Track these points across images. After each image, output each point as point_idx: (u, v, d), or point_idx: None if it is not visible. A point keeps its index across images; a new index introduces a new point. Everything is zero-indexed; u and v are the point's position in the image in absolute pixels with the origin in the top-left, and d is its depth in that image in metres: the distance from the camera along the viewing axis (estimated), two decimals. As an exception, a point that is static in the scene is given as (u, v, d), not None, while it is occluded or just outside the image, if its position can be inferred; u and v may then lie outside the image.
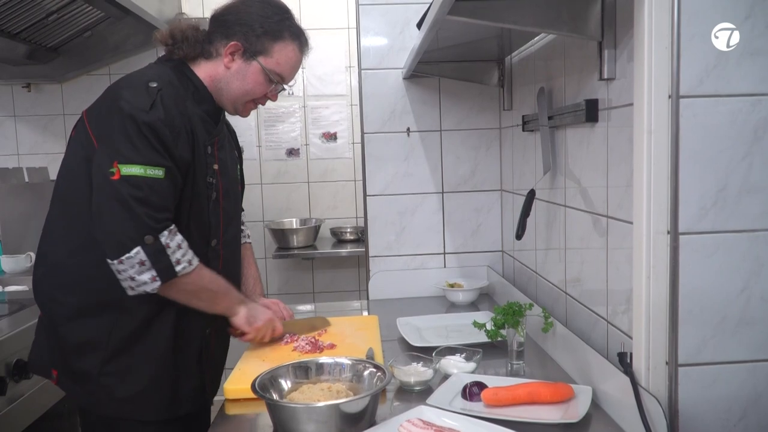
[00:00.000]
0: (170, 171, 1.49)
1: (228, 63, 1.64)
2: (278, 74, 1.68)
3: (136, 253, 1.43)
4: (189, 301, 1.57)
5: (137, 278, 1.45)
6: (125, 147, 1.45)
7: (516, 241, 2.16)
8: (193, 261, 1.52)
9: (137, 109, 1.46)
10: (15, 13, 2.51)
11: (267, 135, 3.76)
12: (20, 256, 2.94)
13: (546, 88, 1.84)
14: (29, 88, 3.52)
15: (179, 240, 1.50)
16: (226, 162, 1.72)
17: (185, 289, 1.54)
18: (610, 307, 1.48)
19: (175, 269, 1.48)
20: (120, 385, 1.56)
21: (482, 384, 1.42)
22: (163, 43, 1.65)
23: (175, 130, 1.51)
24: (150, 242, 1.44)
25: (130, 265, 1.44)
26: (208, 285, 1.59)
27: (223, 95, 1.68)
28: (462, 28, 1.66)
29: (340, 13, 3.67)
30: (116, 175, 1.44)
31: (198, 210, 1.61)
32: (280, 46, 1.66)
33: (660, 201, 1.20)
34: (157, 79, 1.54)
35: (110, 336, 1.55)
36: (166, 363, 1.59)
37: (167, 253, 1.46)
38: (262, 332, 1.75)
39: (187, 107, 1.58)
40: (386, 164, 2.46)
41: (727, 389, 1.22)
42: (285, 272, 3.84)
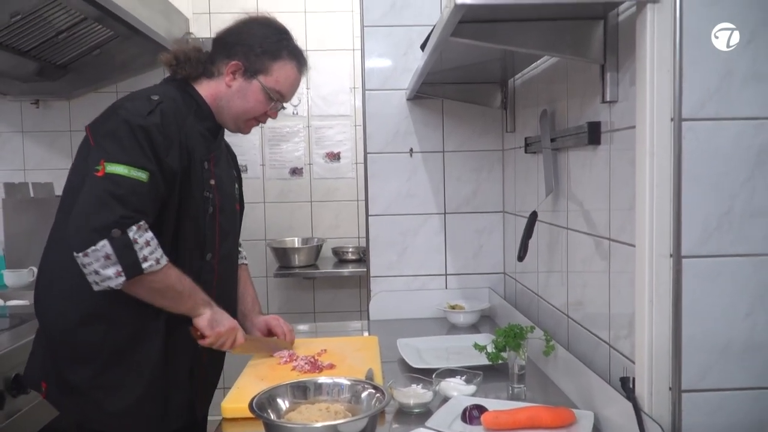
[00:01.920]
0: (154, 176, 1.50)
1: (229, 81, 1.70)
2: (278, 92, 1.74)
3: (102, 246, 1.42)
4: (153, 299, 1.55)
5: (101, 272, 1.43)
6: (113, 146, 1.48)
7: (518, 263, 2.16)
8: (161, 260, 1.51)
9: (134, 114, 1.51)
10: (26, 31, 2.54)
11: (271, 154, 3.77)
12: (23, 271, 2.95)
13: (549, 110, 1.84)
14: (38, 105, 3.55)
15: (148, 237, 1.48)
16: (222, 179, 1.76)
17: (151, 286, 1.52)
18: (613, 331, 1.47)
19: (141, 266, 1.46)
20: (110, 399, 1.56)
21: (482, 407, 1.41)
22: (168, 65, 1.71)
23: (169, 138, 1.54)
24: (117, 236, 1.43)
25: (95, 258, 1.42)
26: (174, 284, 1.56)
27: (225, 113, 1.73)
28: (465, 50, 1.67)
29: (345, 35, 3.70)
30: (101, 171, 1.46)
31: (194, 223, 1.64)
32: (279, 65, 1.72)
33: (662, 224, 1.19)
34: (159, 94, 1.60)
35: (101, 349, 1.56)
36: (156, 377, 1.60)
37: (134, 248, 1.45)
38: (223, 338, 1.67)
39: (186, 123, 1.62)
40: (389, 184, 2.46)
41: (732, 416, 1.20)
42: (286, 291, 3.82)
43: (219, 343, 1.68)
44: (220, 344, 1.68)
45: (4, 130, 3.58)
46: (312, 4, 3.69)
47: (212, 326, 1.64)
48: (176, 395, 1.65)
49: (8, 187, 3.20)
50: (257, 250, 3.71)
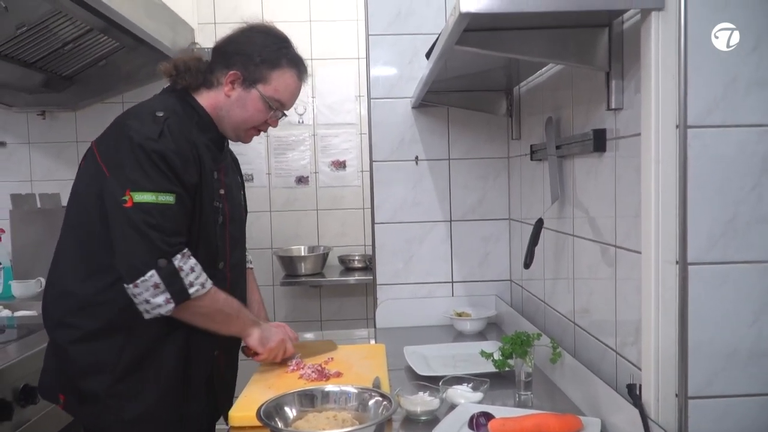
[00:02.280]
0: (180, 197, 1.54)
1: (228, 91, 1.70)
2: (277, 101, 1.74)
3: (151, 276, 1.47)
4: (204, 323, 1.60)
5: (152, 301, 1.49)
6: (137, 175, 1.50)
7: (524, 270, 2.16)
8: (207, 284, 1.56)
9: (146, 138, 1.52)
10: (32, 43, 2.56)
11: (277, 162, 3.78)
12: (30, 281, 2.96)
13: (554, 117, 1.85)
14: (44, 116, 3.56)
15: (192, 263, 1.53)
16: (231, 187, 1.78)
17: (199, 311, 1.57)
18: (619, 338, 1.47)
19: (188, 291, 1.51)
20: (127, 407, 1.58)
21: (489, 414, 1.41)
22: (167, 75, 1.72)
23: (184, 157, 1.56)
24: (164, 265, 1.48)
25: (145, 288, 1.48)
26: (223, 307, 1.63)
27: (225, 122, 1.74)
28: (470, 58, 1.68)
29: (350, 44, 3.72)
30: (129, 202, 1.49)
31: (206, 233, 1.65)
32: (278, 73, 1.72)
33: (668, 231, 1.19)
34: (163, 108, 1.60)
35: (119, 358, 1.57)
36: (173, 385, 1.62)
37: (180, 275, 1.50)
38: (275, 353, 1.78)
39: (192, 135, 1.63)
40: (394, 192, 2.47)
41: (738, 423, 1.20)
42: (292, 300, 3.83)
43: (272, 357, 1.78)
44: (272, 358, 1.78)
45: (11, 142, 3.59)
46: (317, 13, 3.71)
47: (263, 344, 1.75)
48: (194, 402, 1.68)
49: (15, 198, 3.21)
50: (263, 259, 3.72)
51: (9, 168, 3.60)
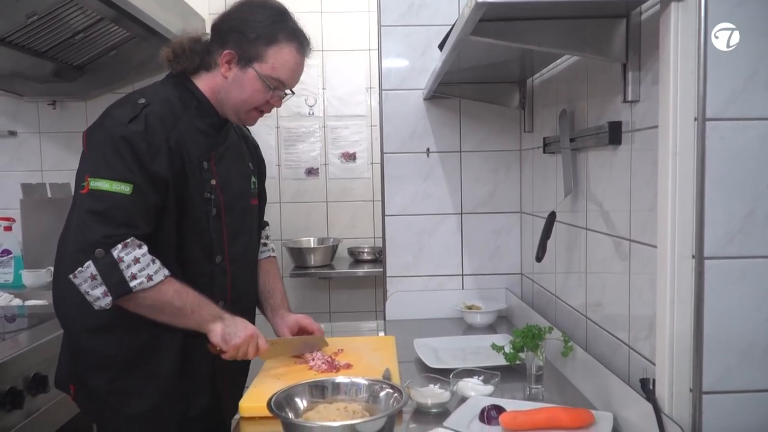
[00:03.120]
0: (139, 187, 1.47)
1: (225, 72, 1.62)
2: (276, 79, 1.63)
3: (87, 266, 1.42)
4: (153, 315, 1.52)
5: (91, 293, 1.44)
6: (97, 161, 1.47)
7: (535, 263, 2.15)
8: (155, 276, 1.47)
9: (117, 124, 1.48)
10: (42, 32, 2.56)
11: (287, 154, 3.78)
12: (41, 271, 2.97)
13: (568, 110, 1.83)
14: (54, 106, 3.57)
15: (138, 254, 1.46)
16: (228, 176, 1.69)
17: (144, 303, 1.49)
18: (632, 333, 1.46)
19: (129, 284, 1.44)
20: (127, 404, 1.56)
21: (500, 407, 1.40)
22: (167, 60, 1.65)
23: (154, 145, 1.49)
24: (100, 256, 1.42)
25: (83, 279, 1.43)
26: (172, 300, 1.51)
27: (225, 105, 1.66)
28: (484, 49, 1.66)
29: (361, 35, 3.70)
30: (85, 188, 1.45)
31: (197, 227, 1.60)
32: (274, 50, 1.61)
33: (685, 225, 1.18)
34: (149, 96, 1.55)
35: (118, 354, 1.55)
36: (174, 382, 1.59)
37: (120, 267, 1.43)
38: (242, 350, 1.60)
39: (177, 124, 1.56)
40: (405, 184, 2.46)
41: (753, 418, 1.19)
42: (302, 291, 3.83)
43: (240, 354, 1.62)
44: (241, 355, 1.62)
45: (22, 131, 3.60)
46: (328, 4, 3.70)
47: (226, 340, 1.58)
48: (198, 399, 1.64)
49: (26, 188, 3.22)
50: (273, 250, 3.72)
51: (20, 157, 3.61)
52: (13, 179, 3.47)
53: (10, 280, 3.02)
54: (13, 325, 2.35)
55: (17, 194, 3.24)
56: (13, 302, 2.68)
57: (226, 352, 1.60)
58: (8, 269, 3.03)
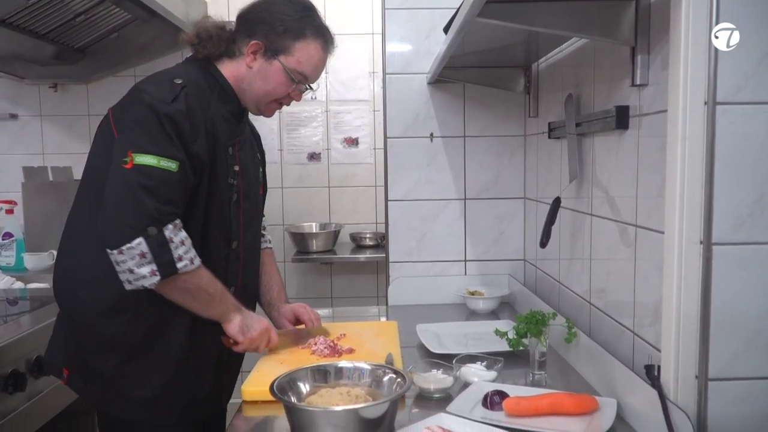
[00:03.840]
0: (183, 166, 1.46)
1: (250, 62, 1.63)
2: (300, 73, 1.65)
3: (138, 244, 1.39)
4: (184, 300, 1.51)
5: (136, 271, 1.41)
6: (141, 137, 1.44)
7: (539, 250, 2.14)
8: (195, 260, 1.48)
9: (158, 101, 1.46)
10: (43, 14, 2.54)
11: (289, 139, 3.76)
12: (43, 254, 2.97)
13: (574, 94, 1.81)
14: (56, 88, 3.56)
15: (183, 236, 1.45)
16: (247, 164, 1.71)
17: (184, 287, 1.48)
18: (637, 319, 1.45)
19: (176, 265, 1.43)
20: (134, 388, 1.54)
21: (504, 393, 1.40)
22: (190, 43, 1.65)
23: (195, 126, 1.50)
24: (153, 234, 1.39)
25: (131, 256, 1.39)
26: (207, 287, 1.53)
27: (246, 95, 1.67)
28: (489, 32, 1.64)
29: (364, 19, 3.67)
30: (129, 163, 1.42)
31: (219, 211, 1.60)
32: (301, 44, 1.63)
33: (693, 210, 1.16)
34: (182, 76, 1.54)
35: (126, 338, 1.53)
36: (181, 366, 1.57)
37: (170, 247, 1.42)
38: (256, 343, 1.64)
39: (210, 107, 1.57)
40: (408, 169, 2.45)
41: (759, 406, 1.18)
42: (303, 276, 3.83)
43: (253, 347, 1.65)
44: (254, 348, 1.66)
45: (23, 114, 3.59)
46: (331, -13, 3.67)
47: (243, 332, 1.61)
48: (204, 384, 1.63)
49: (27, 171, 3.21)
50: (275, 235, 3.68)
51: (21, 141, 3.61)
52: (14, 162, 3.47)
53: (12, 263, 3.01)
54: (15, 308, 2.35)
55: (19, 177, 3.23)
56: (15, 285, 2.67)
57: (241, 344, 1.62)
58: (10, 252, 3.02)
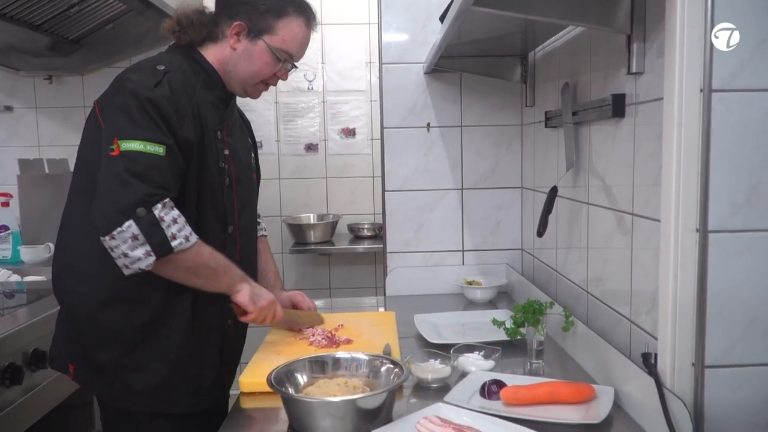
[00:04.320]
0: (171, 149, 1.45)
1: (234, 44, 1.62)
2: (285, 51, 1.64)
3: (128, 226, 1.38)
4: (187, 278, 1.51)
5: (130, 254, 1.40)
6: (125, 123, 1.43)
7: (536, 239, 2.14)
8: (191, 237, 1.46)
9: (141, 87, 1.45)
10: (38, 5, 2.52)
11: (286, 130, 3.75)
12: (39, 247, 2.96)
13: (570, 83, 1.81)
14: (51, 80, 3.54)
15: (175, 214, 1.44)
16: (237, 148, 1.71)
17: (183, 266, 1.48)
18: (634, 307, 1.45)
19: (171, 244, 1.42)
20: (137, 379, 1.54)
21: (501, 382, 1.40)
22: (171, 31, 1.64)
23: (181, 111, 1.49)
24: (142, 215, 1.38)
25: (123, 240, 1.38)
26: (208, 261, 1.51)
27: (232, 77, 1.65)
28: (486, 21, 1.63)
29: (360, 9, 3.66)
30: (116, 150, 1.41)
31: (212, 195, 1.60)
32: (284, 22, 1.62)
33: (689, 198, 1.16)
34: (165, 62, 1.53)
35: (126, 329, 1.53)
36: (184, 356, 1.57)
37: (161, 226, 1.40)
38: (265, 312, 1.64)
39: (195, 92, 1.56)
40: (406, 160, 2.44)
41: (756, 392, 1.18)
42: (301, 267, 3.83)
43: (261, 317, 1.65)
44: (261, 319, 1.65)
45: (18, 106, 3.58)
46: (327, -23, 3.64)
47: (254, 301, 1.61)
48: (209, 372, 1.64)
49: (23, 164, 3.20)
50: (273, 227, 3.71)
51: (17, 133, 3.59)
52: (9, 155, 3.46)
53: (8, 256, 3.01)
54: (11, 301, 2.34)
55: (14, 170, 3.22)
56: (11, 278, 2.67)
57: (251, 314, 1.62)
58: (6, 245, 3.01)
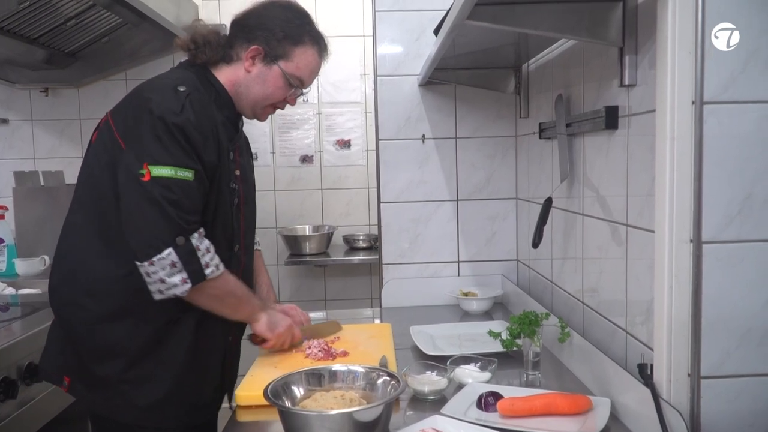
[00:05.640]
0: (199, 174, 1.49)
1: (249, 67, 1.65)
2: (298, 78, 1.69)
3: (168, 254, 1.42)
4: (214, 306, 1.56)
5: (168, 281, 1.44)
6: (155, 148, 1.45)
7: (531, 250, 2.13)
8: (220, 266, 1.52)
9: (168, 111, 1.46)
10: (34, 18, 2.53)
11: (281, 141, 3.76)
12: (34, 259, 2.95)
13: (564, 95, 1.82)
14: (47, 93, 3.55)
15: (207, 244, 1.49)
16: (245, 168, 1.74)
17: (212, 293, 1.53)
18: (629, 317, 1.46)
19: (204, 272, 1.47)
20: (140, 393, 1.54)
21: (498, 394, 1.40)
22: (185, 49, 1.66)
23: (204, 134, 1.51)
24: (182, 243, 1.43)
25: (161, 266, 1.43)
26: (234, 290, 1.59)
27: (243, 99, 1.68)
28: (479, 34, 1.65)
29: (355, 21, 3.68)
30: (146, 176, 1.43)
31: (223, 215, 1.62)
32: (300, 50, 1.67)
33: (683, 209, 1.17)
34: (184, 83, 1.54)
35: (130, 343, 1.53)
36: (186, 371, 1.57)
37: (197, 255, 1.46)
38: (282, 339, 1.73)
39: (212, 112, 1.59)
40: (401, 171, 2.45)
41: (752, 403, 1.19)
42: (297, 279, 3.83)
43: (280, 343, 1.72)
44: (281, 344, 1.73)
45: (14, 119, 3.58)
46: (322, -11, 3.67)
47: (271, 329, 1.68)
48: (209, 386, 1.65)
49: (18, 176, 3.20)
50: (268, 238, 3.71)
51: (12, 145, 3.59)
52: (5, 167, 3.46)
53: (3, 269, 2.99)
54: (6, 314, 2.33)
55: (10, 182, 3.22)
56: (6, 291, 2.66)
57: (270, 342, 1.69)
58: (1, 258, 3.00)
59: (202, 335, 1.59)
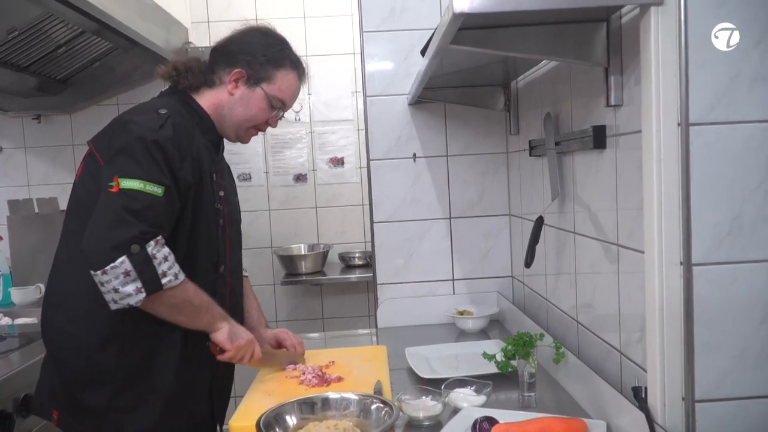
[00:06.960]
0: (169, 191, 1.50)
1: (232, 89, 1.70)
2: (280, 100, 1.74)
3: (121, 262, 1.40)
4: (171, 315, 1.53)
5: (121, 290, 1.41)
6: (127, 163, 1.47)
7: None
8: (179, 275, 1.49)
9: (147, 129, 1.49)
10: (24, 47, 2.53)
11: (274, 161, 3.75)
12: (30, 288, 2.94)
13: (552, 113, 1.82)
14: (39, 120, 3.54)
15: (166, 252, 1.47)
16: (228, 190, 1.78)
17: (168, 302, 1.50)
18: (623, 335, 1.45)
19: (161, 281, 1.44)
20: (128, 421, 1.53)
21: (493, 419, 1.38)
22: (167, 77, 1.70)
23: (182, 151, 1.54)
24: (136, 252, 1.41)
25: (115, 275, 1.40)
26: (192, 299, 1.54)
27: (226, 121, 1.72)
28: (466, 54, 1.64)
29: (345, 39, 3.68)
30: (115, 188, 1.45)
31: (207, 236, 1.64)
32: (282, 73, 1.73)
33: (672, 232, 1.16)
34: (166, 107, 1.59)
35: (117, 368, 1.53)
36: (176, 393, 1.57)
37: (153, 264, 1.43)
38: (242, 351, 1.66)
39: (193, 134, 1.62)
40: (393, 190, 2.44)
41: (748, 425, 1.18)
42: (293, 298, 3.81)
43: (238, 356, 1.67)
44: (239, 358, 1.68)
45: (7, 147, 3.57)
46: (311, 9, 3.67)
47: (231, 340, 1.63)
48: (199, 409, 1.66)
49: (12, 204, 3.18)
50: (263, 258, 3.70)
51: (6, 173, 3.58)
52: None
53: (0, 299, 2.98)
54: (2, 344, 2.31)
55: (4, 211, 3.21)
56: (2, 321, 2.65)
57: (228, 352, 1.63)
58: (-3, 288, 2.99)
59: (188, 354, 1.60)
